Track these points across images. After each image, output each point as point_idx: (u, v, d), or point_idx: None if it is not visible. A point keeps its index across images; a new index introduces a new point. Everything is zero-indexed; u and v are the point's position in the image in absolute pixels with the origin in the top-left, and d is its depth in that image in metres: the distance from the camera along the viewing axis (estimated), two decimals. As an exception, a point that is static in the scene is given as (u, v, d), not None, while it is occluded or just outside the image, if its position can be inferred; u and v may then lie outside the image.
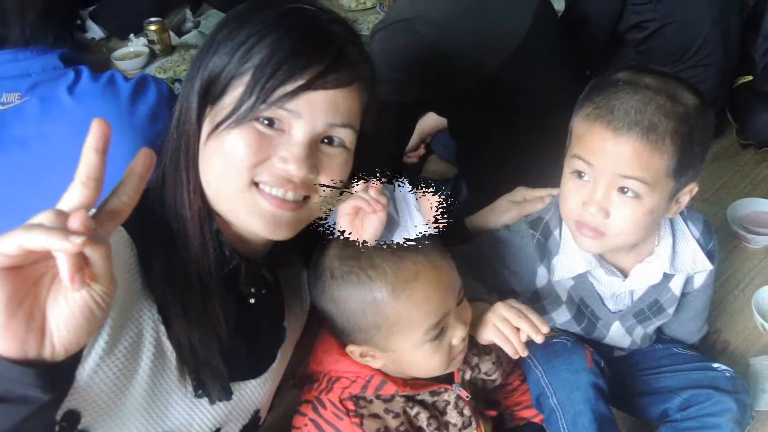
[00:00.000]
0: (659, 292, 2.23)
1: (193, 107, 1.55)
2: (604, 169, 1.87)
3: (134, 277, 1.51)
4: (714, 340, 2.74)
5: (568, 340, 2.19)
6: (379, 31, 2.52)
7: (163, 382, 1.57)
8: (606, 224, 1.92)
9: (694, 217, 2.21)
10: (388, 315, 1.75)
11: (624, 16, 3.58)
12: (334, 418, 1.86)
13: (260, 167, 1.51)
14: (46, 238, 1.02)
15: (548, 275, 2.19)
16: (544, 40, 2.76)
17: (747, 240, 3.27)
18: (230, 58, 1.51)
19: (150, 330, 1.53)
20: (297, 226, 1.61)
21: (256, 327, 1.80)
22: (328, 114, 1.52)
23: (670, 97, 1.85)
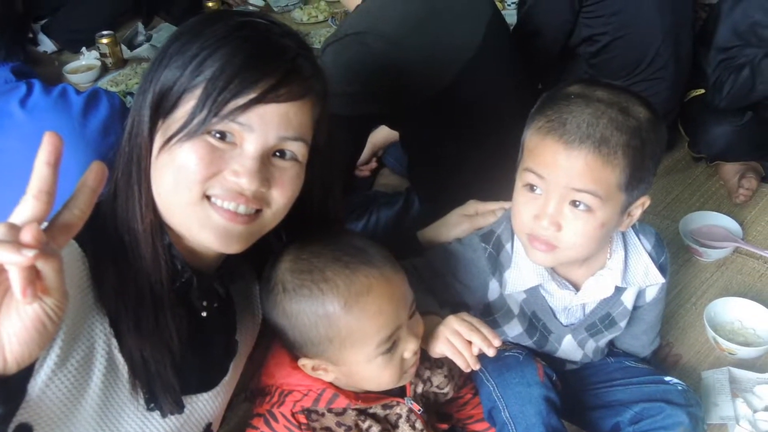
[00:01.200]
0: (611, 306, 2.25)
1: (145, 120, 1.56)
2: (556, 182, 1.88)
3: (86, 290, 1.52)
4: (666, 354, 2.76)
5: (520, 353, 2.21)
6: (330, 44, 2.54)
7: (115, 396, 1.58)
8: (558, 237, 1.94)
9: (646, 230, 2.23)
10: (341, 328, 1.76)
11: (576, 30, 3.61)
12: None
13: (212, 180, 1.52)
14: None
15: (500, 289, 2.21)
16: (495, 54, 2.78)
17: (699, 253, 3.31)
18: (182, 72, 1.52)
19: (102, 343, 1.53)
20: (249, 240, 1.62)
21: (208, 340, 1.80)
22: (279, 127, 1.54)
23: (622, 111, 1.87)
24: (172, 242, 1.62)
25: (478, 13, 2.77)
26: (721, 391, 2.55)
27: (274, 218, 1.64)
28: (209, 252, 1.68)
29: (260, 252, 1.78)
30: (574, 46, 3.69)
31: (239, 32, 1.54)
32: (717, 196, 3.78)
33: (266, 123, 1.52)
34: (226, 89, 1.48)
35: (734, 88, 3.52)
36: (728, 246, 3.32)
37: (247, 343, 1.98)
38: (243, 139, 1.52)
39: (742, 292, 3.09)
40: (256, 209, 1.58)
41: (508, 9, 5.54)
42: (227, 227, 1.56)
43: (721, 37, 3.62)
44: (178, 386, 1.65)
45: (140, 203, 1.57)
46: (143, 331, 1.56)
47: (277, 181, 1.58)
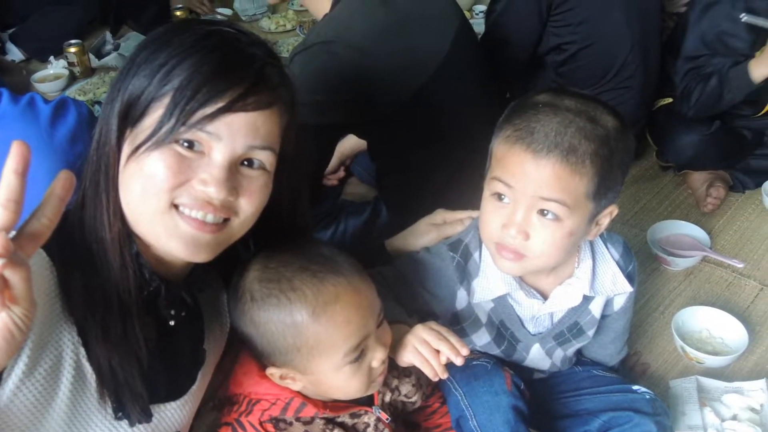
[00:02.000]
0: (579, 315, 2.26)
1: (113, 129, 1.56)
2: (524, 191, 1.89)
3: (54, 299, 1.52)
4: (634, 363, 2.78)
5: (488, 362, 2.22)
6: (298, 53, 2.54)
7: (83, 404, 1.58)
8: (526, 246, 1.94)
9: (614, 239, 2.24)
10: (308, 337, 1.77)
11: (544, 39, 3.64)
12: (255, 440, 1.90)
13: (180, 189, 1.52)
14: None
15: (468, 298, 2.21)
16: (463, 62, 2.79)
17: (667, 262, 3.34)
18: (150, 81, 1.52)
19: (70, 352, 1.54)
20: (217, 249, 1.62)
21: (176, 349, 1.80)
22: (247, 136, 1.55)
23: (590, 120, 1.88)
24: (140, 251, 1.62)
25: (446, 22, 2.79)
26: (688, 400, 2.57)
27: (241, 227, 1.65)
28: (177, 261, 1.68)
29: (228, 261, 1.79)
30: (542, 55, 3.72)
31: (207, 41, 1.55)
32: (685, 204, 3.82)
33: (234, 132, 1.53)
34: (194, 98, 1.49)
35: (702, 97, 3.55)
36: (696, 255, 3.35)
37: (215, 351, 1.99)
38: (211, 148, 1.53)
39: (710, 301, 3.12)
40: (224, 218, 1.59)
41: (476, 18, 5.61)
42: (195, 236, 1.56)
43: (688, 46, 3.66)
44: (146, 395, 1.65)
45: (108, 212, 1.57)
46: (111, 339, 1.56)
47: (245, 190, 1.59)
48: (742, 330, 2.87)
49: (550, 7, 3.51)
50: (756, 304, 3.16)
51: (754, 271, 3.35)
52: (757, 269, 3.36)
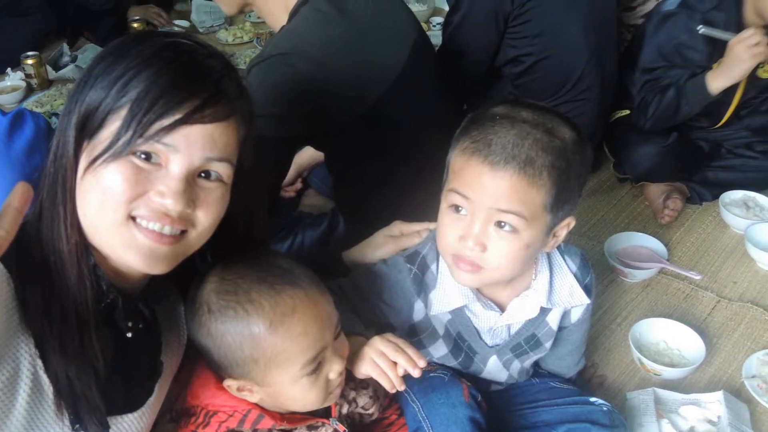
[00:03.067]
0: (536, 327, 2.28)
1: (70, 141, 1.56)
2: (481, 203, 1.90)
3: (11, 311, 1.52)
4: (591, 375, 2.81)
5: (445, 374, 2.23)
6: (255, 65, 2.55)
7: (41, 416, 1.59)
8: (483, 258, 1.95)
9: (571, 251, 2.26)
10: (265, 349, 1.78)
11: (501, 51, 3.66)
12: (215, 450, 1.91)
13: (137, 201, 1.53)
14: None
15: (425, 309, 2.23)
16: (420, 74, 2.81)
17: (624, 274, 3.37)
18: (107, 92, 1.53)
19: (27, 364, 1.54)
20: (174, 261, 1.63)
21: (133, 361, 1.81)
22: (205, 148, 1.56)
23: (548, 132, 1.89)
24: (97, 263, 1.63)
25: (404, 34, 2.81)
26: (646, 412, 2.59)
27: (199, 239, 1.66)
28: (134, 273, 1.69)
29: (185, 273, 1.80)
30: (499, 67, 3.74)
31: (165, 53, 1.56)
32: (642, 216, 3.86)
33: (191, 144, 1.54)
34: (151, 110, 1.50)
35: (659, 109, 3.60)
36: (653, 267, 3.39)
37: (173, 363, 1.99)
38: (168, 160, 1.54)
39: (668, 312, 3.16)
40: (182, 230, 1.60)
41: (434, 30, 5.66)
42: (152, 248, 1.57)
43: (646, 58, 3.72)
44: (104, 407, 1.65)
45: (65, 224, 1.58)
46: (68, 351, 1.56)
47: (202, 202, 1.60)
48: (699, 342, 2.90)
49: (507, 19, 3.54)
50: (713, 315, 3.19)
51: (712, 283, 3.39)
52: (714, 281, 3.40)
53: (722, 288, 3.37)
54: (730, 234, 3.73)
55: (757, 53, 3.34)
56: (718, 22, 3.49)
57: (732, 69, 3.42)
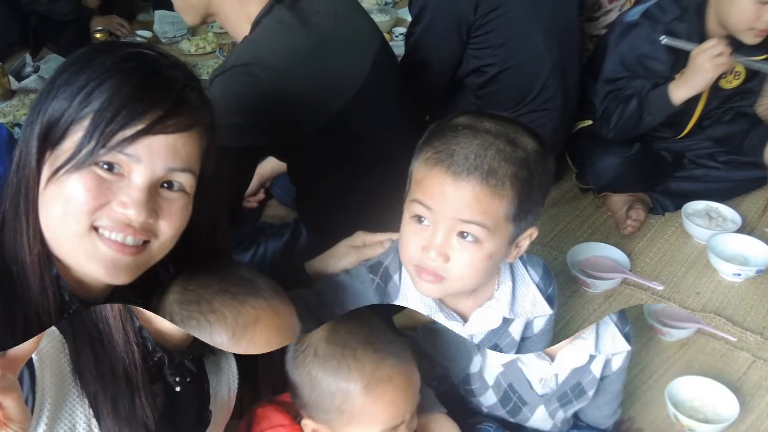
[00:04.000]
0: (582, 375, 2.31)
1: (33, 152, 1.57)
2: (444, 213, 1.91)
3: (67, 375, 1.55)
4: (627, 428, 2.79)
5: (491, 426, 2.31)
6: (218, 75, 2.56)
7: None
8: (446, 269, 1.96)
9: (534, 261, 2.28)
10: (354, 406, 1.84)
11: (464, 61, 3.66)
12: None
13: (100, 212, 1.54)
14: None
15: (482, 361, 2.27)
16: (383, 85, 2.83)
17: (587, 284, 3.40)
18: (70, 103, 1.54)
19: (83, 424, 1.57)
20: (137, 271, 1.64)
21: (183, 413, 1.82)
22: (167, 159, 1.57)
23: (510, 142, 1.91)
24: (60, 273, 1.64)
25: (366, 45, 2.83)
26: None
27: (161, 249, 1.67)
28: (97, 283, 1.70)
29: (148, 283, 1.80)
30: (461, 77, 3.73)
31: (127, 63, 1.57)
32: (605, 227, 3.88)
33: (154, 154, 1.55)
34: (113, 120, 1.50)
35: (622, 119, 3.63)
36: (616, 277, 3.42)
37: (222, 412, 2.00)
38: (131, 170, 1.55)
39: (704, 371, 3.13)
40: (144, 240, 1.61)
41: (396, 40, 5.66)
42: (115, 258, 1.58)
43: (608, 69, 3.74)
44: None
45: (28, 234, 1.59)
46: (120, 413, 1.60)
47: (165, 212, 1.61)
48: (733, 400, 2.90)
49: (470, 29, 3.54)
50: (748, 375, 3.18)
51: (674, 293, 3.42)
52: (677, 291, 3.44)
53: (684, 298, 3.41)
54: (693, 244, 3.75)
55: (720, 64, 3.38)
56: (680, 33, 3.52)
57: (695, 79, 3.46)
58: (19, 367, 1.25)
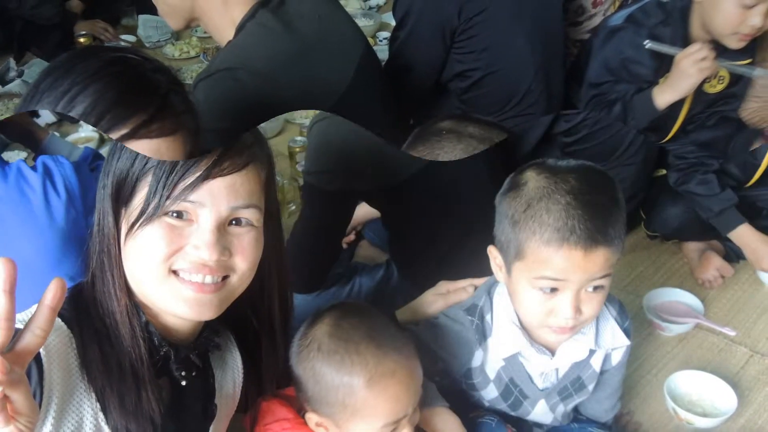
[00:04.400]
0: (581, 369, 2.36)
1: (109, 211, 1.66)
2: (578, 281, 2.01)
3: (74, 369, 1.61)
4: (627, 422, 2.88)
5: (492, 419, 2.34)
6: (202, 79, 2.60)
7: None
8: (577, 318, 2.07)
9: (611, 299, 2.33)
10: (357, 400, 1.90)
11: (447, 65, 3.68)
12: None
13: (176, 256, 1.62)
14: None
15: (483, 356, 2.34)
16: (367, 90, 2.86)
17: (661, 328, 3.43)
18: (132, 162, 1.61)
19: (90, 417, 1.62)
20: (221, 306, 1.71)
21: (188, 407, 1.88)
22: (229, 199, 1.62)
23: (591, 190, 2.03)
24: (149, 320, 1.71)
25: (350, 49, 2.85)
26: None
27: (241, 283, 1.73)
28: (184, 326, 1.78)
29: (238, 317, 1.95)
30: (445, 81, 3.75)
31: (111, 68, 1.64)
32: (680, 273, 3.90)
33: (215, 197, 1.61)
34: (172, 172, 1.57)
35: None
36: (690, 322, 3.44)
37: (228, 406, 2.07)
38: (198, 215, 1.61)
39: (702, 365, 3.21)
40: (223, 276, 1.68)
41: (380, 45, 5.74)
42: (197, 298, 1.65)
43: (592, 73, 3.74)
44: None
45: (115, 288, 1.67)
46: (127, 407, 1.65)
47: (237, 248, 1.68)
48: (731, 394, 2.96)
49: (453, 34, 3.56)
50: (746, 369, 3.25)
51: (746, 339, 3.43)
52: (749, 336, 3.44)
53: (755, 343, 3.41)
54: (765, 292, 3.76)
55: (704, 68, 3.38)
56: (664, 37, 3.52)
57: (679, 84, 3.45)
58: (26, 361, 1.27)
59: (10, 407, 1.22)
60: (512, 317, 2.25)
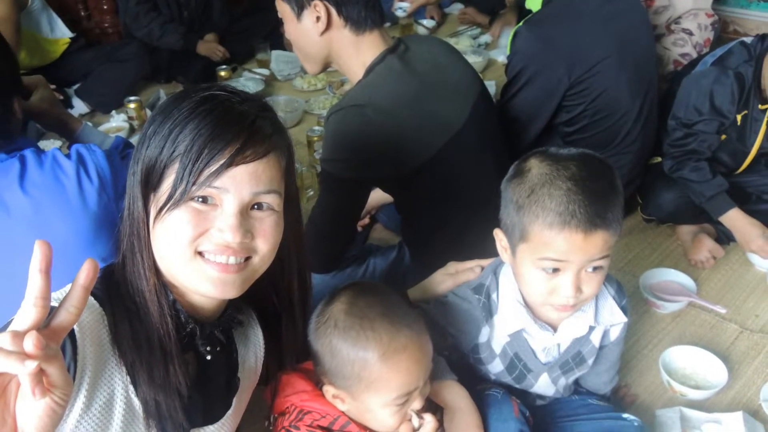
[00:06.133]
0: (582, 344, 2.37)
1: (138, 197, 1.66)
2: (579, 262, 2.02)
3: (106, 345, 1.63)
4: (624, 394, 2.89)
5: (498, 392, 2.33)
6: (334, 113, 2.63)
7: None
8: (578, 297, 2.08)
9: (609, 278, 2.33)
10: (372, 373, 1.92)
11: (556, 113, 3.68)
12: (308, 435, 1.99)
13: (201, 239, 1.62)
14: (5, 363, 1.14)
15: (490, 332, 2.34)
16: (479, 130, 2.88)
17: (656, 306, 3.43)
18: (160, 151, 1.62)
19: (120, 389, 1.64)
20: (244, 285, 1.72)
21: (213, 380, 1.90)
22: (251, 185, 1.63)
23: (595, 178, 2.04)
24: (176, 299, 1.73)
25: (466, 92, 2.88)
26: (672, 428, 2.67)
27: (262, 263, 1.74)
28: (209, 303, 1.79)
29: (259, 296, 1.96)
30: (553, 125, 3.75)
31: (202, 107, 1.63)
32: (674, 254, 3.91)
33: (238, 183, 1.62)
34: (198, 160, 1.58)
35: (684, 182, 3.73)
36: (683, 300, 3.44)
37: (250, 378, 2.08)
38: (222, 200, 1.62)
39: (695, 341, 3.22)
40: (246, 257, 1.68)
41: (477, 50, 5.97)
42: (221, 277, 1.66)
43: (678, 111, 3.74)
44: (187, 423, 1.76)
45: (144, 268, 1.68)
46: (155, 380, 1.67)
47: (258, 230, 1.68)
48: (722, 368, 2.97)
49: (564, 92, 3.56)
50: (736, 345, 3.25)
51: (736, 316, 3.43)
52: (738, 314, 3.45)
53: (745, 320, 3.41)
54: (754, 272, 3.77)
55: None
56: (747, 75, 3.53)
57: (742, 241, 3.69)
58: (61, 337, 1.29)
59: (46, 380, 1.23)
60: (517, 296, 2.26)
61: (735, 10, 6.34)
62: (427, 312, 2.41)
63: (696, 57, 4.47)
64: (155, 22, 5.91)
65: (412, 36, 3.07)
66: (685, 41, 4.59)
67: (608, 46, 3.51)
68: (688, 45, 4.55)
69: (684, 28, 4.62)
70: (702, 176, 3.64)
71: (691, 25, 4.63)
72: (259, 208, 1.69)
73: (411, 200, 2.94)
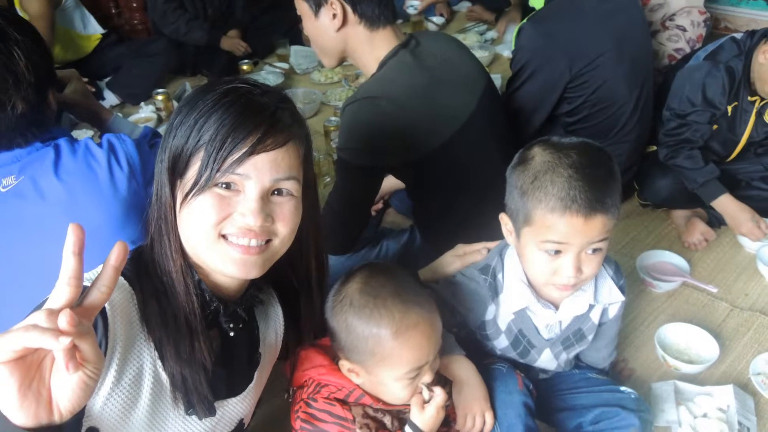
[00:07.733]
0: (582, 322, 2.38)
1: (166, 183, 1.67)
2: (579, 244, 2.03)
3: (135, 322, 1.64)
4: (622, 368, 2.90)
5: (503, 366, 2.34)
6: (350, 104, 2.64)
7: (161, 404, 1.71)
8: (578, 277, 2.09)
9: (608, 260, 2.33)
10: (385, 348, 1.94)
11: (558, 105, 3.66)
12: (326, 406, 2.06)
13: (225, 222, 1.63)
14: (41, 339, 1.15)
15: (496, 310, 2.34)
16: (486, 121, 2.87)
17: (652, 285, 3.43)
18: (186, 140, 1.62)
19: (149, 364, 1.65)
20: (264, 266, 1.72)
21: (236, 355, 1.91)
22: (272, 171, 1.64)
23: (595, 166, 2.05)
24: (201, 279, 1.74)
25: (473, 85, 2.88)
26: (667, 400, 2.69)
27: (282, 246, 1.74)
28: (232, 283, 1.80)
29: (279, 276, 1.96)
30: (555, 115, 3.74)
31: (225, 98, 1.64)
32: (669, 237, 3.91)
33: (260, 170, 1.62)
34: (222, 149, 1.59)
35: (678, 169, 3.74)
36: (677, 280, 3.45)
37: (271, 354, 2.09)
38: (244, 186, 1.63)
39: (688, 318, 3.22)
40: (267, 240, 1.69)
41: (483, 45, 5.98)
42: (244, 259, 1.66)
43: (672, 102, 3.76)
44: (211, 395, 1.76)
45: (171, 250, 1.69)
46: (182, 355, 1.68)
47: (278, 215, 1.69)
48: (714, 343, 2.98)
49: (565, 85, 3.55)
50: (726, 322, 3.26)
51: (726, 295, 3.44)
52: (729, 293, 3.45)
53: (735, 299, 3.42)
54: (744, 253, 3.77)
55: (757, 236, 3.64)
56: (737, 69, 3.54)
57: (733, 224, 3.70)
58: (93, 315, 1.30)
59: (79, 356, 1.23)
60: (521, 276, 2.27)
61: (726, 8, 6.35)
62: (437, 291, 2.42)
63: (689, 52, 4.46)
64: (181, 19, 5.91)
65: (422, 32, 3.05)
66: (679, 37, 4.56)
67: (607, 42, 3.49)
68: (681, 40, 4.52)
69: (678, 25, 4.58)
70: (695, 164, 3.64)
71: (685, 21, 4.59)
72: (279, 194, 1.70)
73: (422, 186, 2.93)
